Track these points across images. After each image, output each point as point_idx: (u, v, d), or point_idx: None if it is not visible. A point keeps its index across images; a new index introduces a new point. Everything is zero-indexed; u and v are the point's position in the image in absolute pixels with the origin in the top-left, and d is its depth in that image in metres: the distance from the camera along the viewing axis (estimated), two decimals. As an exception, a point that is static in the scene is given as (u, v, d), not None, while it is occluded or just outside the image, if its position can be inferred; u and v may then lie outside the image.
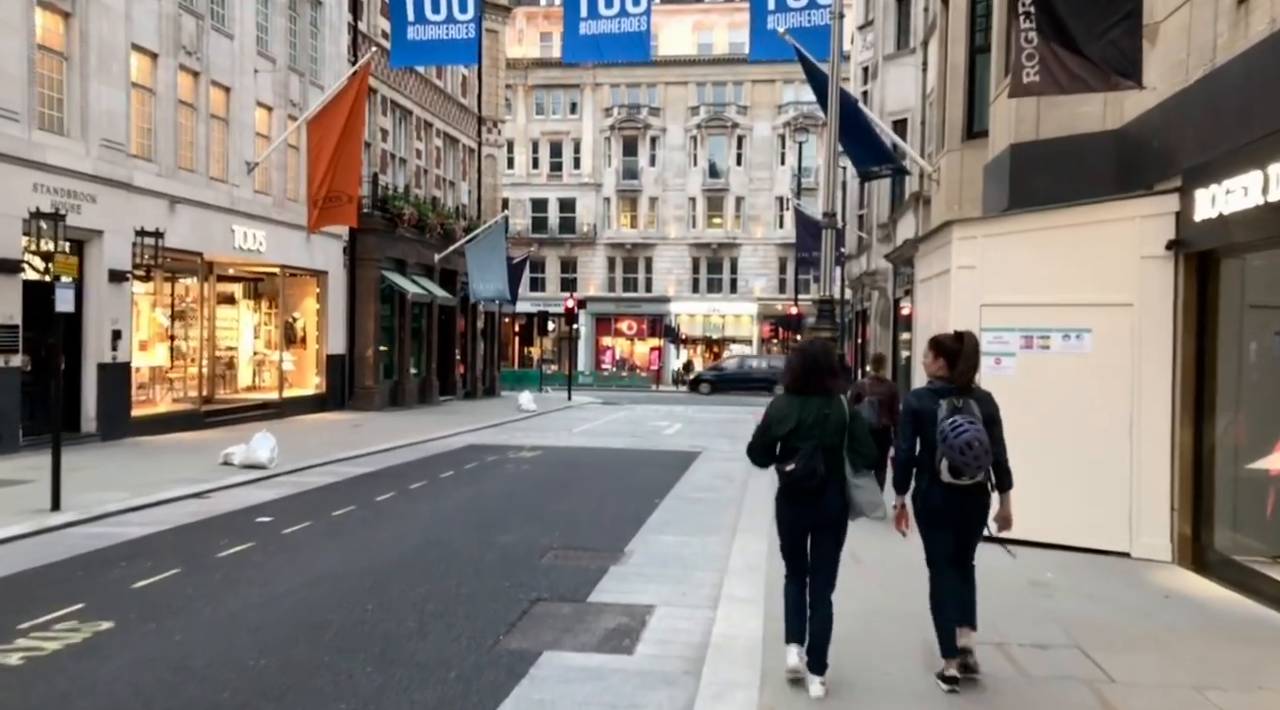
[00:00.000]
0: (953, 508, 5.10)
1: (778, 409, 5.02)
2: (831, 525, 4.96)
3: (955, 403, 5.07)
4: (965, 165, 14.70)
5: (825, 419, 4.88)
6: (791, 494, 4.96)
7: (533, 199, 56.90)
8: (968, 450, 4.89)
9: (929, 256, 10.75)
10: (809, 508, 4.92)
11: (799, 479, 4.84)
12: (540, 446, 17.92)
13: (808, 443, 4.83)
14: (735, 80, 55.78)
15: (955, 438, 4.90)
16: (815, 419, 4.87)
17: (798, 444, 4.86)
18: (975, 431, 4.92)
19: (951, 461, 4.93)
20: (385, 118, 26.93)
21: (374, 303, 25.29)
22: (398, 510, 10.60)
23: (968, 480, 5.00)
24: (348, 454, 15.50)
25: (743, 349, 55.73)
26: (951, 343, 5.30)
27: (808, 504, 4.91)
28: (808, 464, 4.80)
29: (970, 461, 4.91)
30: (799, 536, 5.04)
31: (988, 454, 4.95)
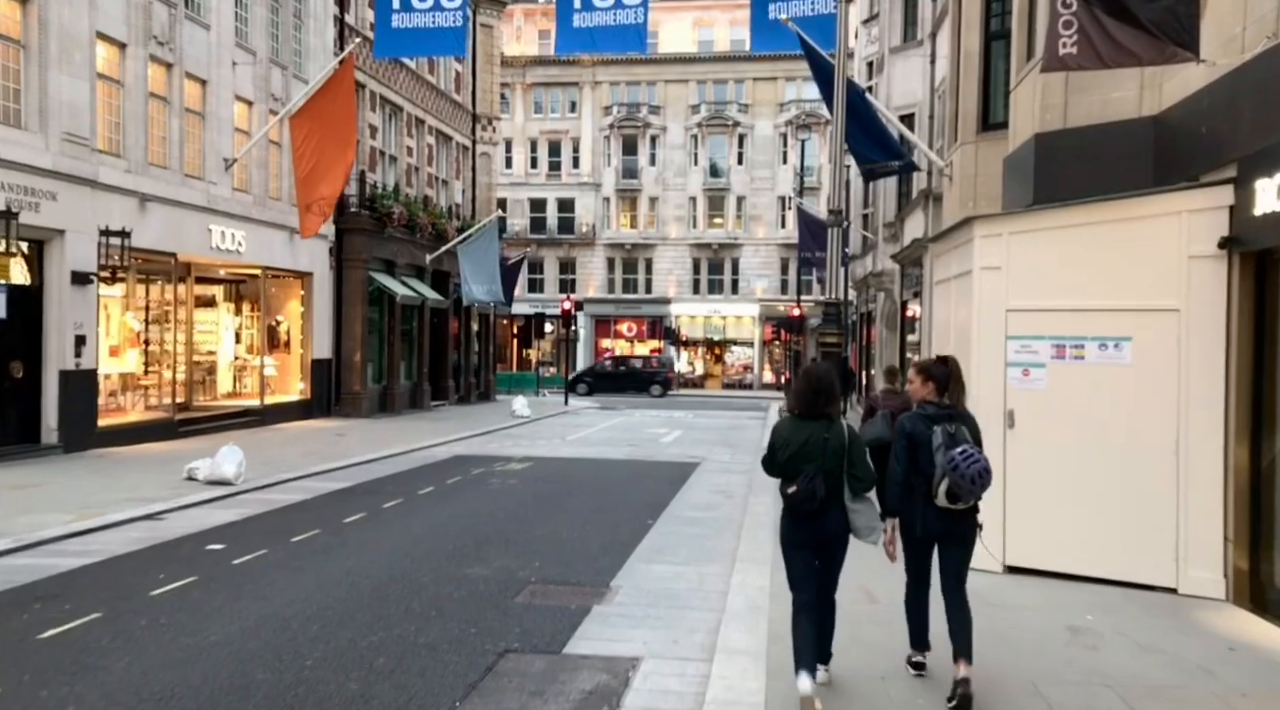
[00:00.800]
0: (942, 529, 5.25)
1: (782, 432, 5.18)
2: (833, 545, 5.13)
3: (949, 429, 5.19)
4: (980, 159, 13.79)
5: (825, 443, 5.02)
6: (794, 515, 5.11)
7: (531, 199, 56.02)
8: (979, 479, 5.03)
9: (946, 256, 9.84)
10: (811, 528, 5.07)
11: (800, 501, 4.98)
12: (530, 457, 17.01)
13: (809, 465, 4.98)
14: (736, 78, 54.90)
15: (968, 467, 5.02)
16: (816, 443, 5.02)
17: (799, 467, 5.01)
18: (986, 462, 5.08)
19: (957, 488, 5.06)
20: (374, 114, 26.04)
21: (361, 305, 24.40)
22: (365, 535, 9.70)
23: (963, 505, 5.15)
24: (325, 467, 14.60)
25: (745, 351, 54.85)
26: (938, 367, 5.45)
27: (810, 525, 5.06)
28: (809, 487, 4.95)
29: (977, 490, 5.07)
30: (805, 556, 5.14)
31: (987, 481, 5.09)
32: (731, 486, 13.88)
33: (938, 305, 10.48)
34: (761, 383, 53.44)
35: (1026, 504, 8.10)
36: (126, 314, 17.68)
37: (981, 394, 8.35)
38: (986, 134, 13.77)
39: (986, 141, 13.69)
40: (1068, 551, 7.94)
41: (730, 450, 19.22)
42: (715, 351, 55.58)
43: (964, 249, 8.84)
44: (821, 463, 4.98)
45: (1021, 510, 8.13)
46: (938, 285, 10.49)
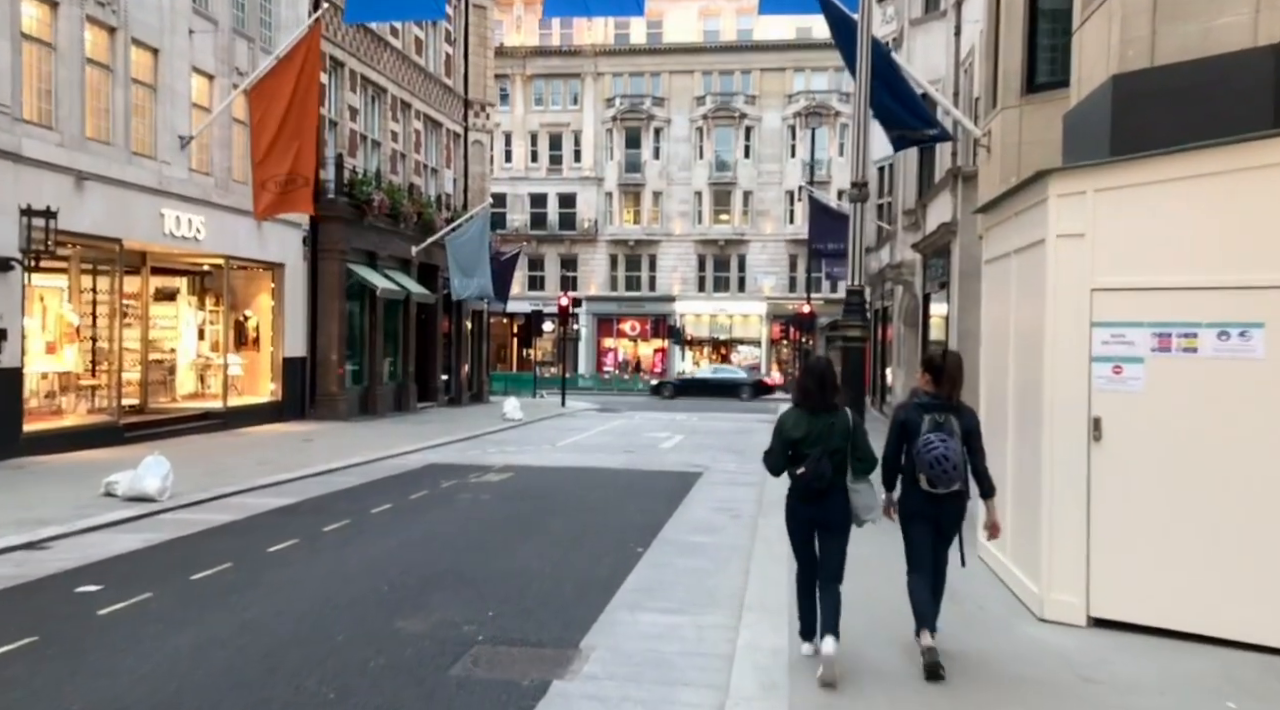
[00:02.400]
0: (929, 511, 5.55)
1: (789, 420, 5.44)
2: (836, 524, 5.42)
3: (937, 418, 5.50)
4: (1026, 126, 11.95)
5: (831, 429, 5.32)
6: (802, 494, 5.41)
7: (531, 194, 54.28)
8: (936, 465, 5.38)
9: (1003, 228, 7.99)
10: (817, 507, 5.39)
11: (810, 481, 5.29)
12: (513, 466, 15.21)
13: (815, 448, 5.27)
14: (743, 69, 53.10)
15: (926, 453, 5.40)
16: (822, 429, 5.32)
17: (807, 451, 5.30)
18: (944, 448, 5.38)
19: (926, 474, 5.44)
20: (354, 94, 24.27)
21: (339, 299, 22.62)
22: (287, 571, 7.90)
23: (943, 489, 5.45)
24: (275, 478, 12.82)
25: (751, 350, 52.99)
26: (937, 360, 5.75)
27: (816, 504, 5.38)
28: (816, 467, 5.24)
29: (940, 475, 5.39)
30: (808, 533, 5.51)
31: (957, 469, 5.40)
32: (738, 502, 12.06)
33: (990, 290, 8.65)
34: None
35: (1117, 539, 6.28)
36: (65, 306, 15.93)
37: (1056, 398, 6.52)
38: (1032, 97, 11.93)
39: (1033, 105, 11.86)
40: (1175, 602, 6.11)
41: (737, 458, 17.41)
42: (721, 351, 53.74)
43: (1032, 214, 7.01)
44: (827, 447, 5.27)
45: (1111, 547, 6.31)
46: (989, 265, 8.65)
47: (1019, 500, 7.22)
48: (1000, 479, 6.58)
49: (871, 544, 6.97)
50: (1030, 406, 7.01)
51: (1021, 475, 7.25)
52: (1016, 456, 7.41)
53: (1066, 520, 6.48)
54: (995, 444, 8.02)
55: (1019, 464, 7.34)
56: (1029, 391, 7.06)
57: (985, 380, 8.71)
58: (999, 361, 8.12)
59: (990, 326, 8.69)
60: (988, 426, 6.67)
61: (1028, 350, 7.13)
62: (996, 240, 8.32)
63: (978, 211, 8.91)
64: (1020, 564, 7.18)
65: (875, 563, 7.33)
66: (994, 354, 8.38)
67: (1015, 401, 7.46)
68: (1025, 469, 7.13)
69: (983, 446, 5.63)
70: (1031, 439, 6.95)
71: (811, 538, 5.48)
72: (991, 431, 8.14)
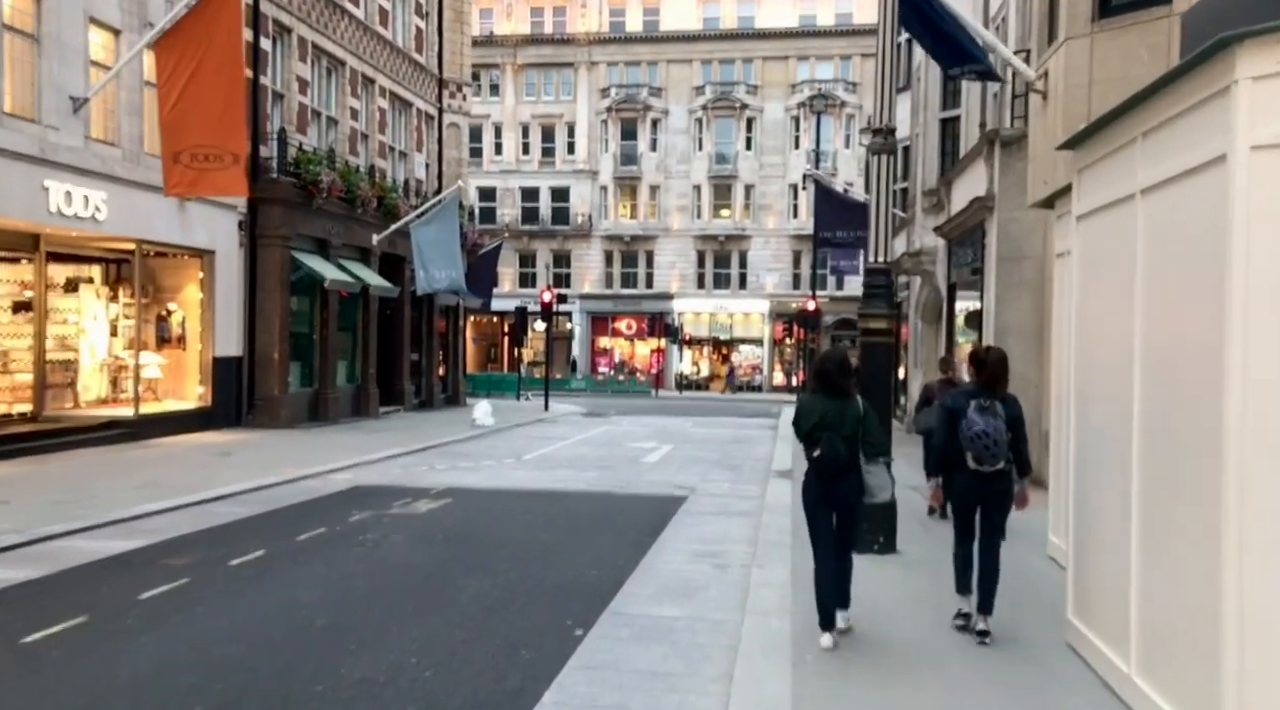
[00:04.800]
0: (977, 489, 5.94)
1: (805, 405, 5.92)
2: (850, 503, 5.83)
3: (983, 403, 5.83)
4: (1097, 61, 9.25)
5: (843, 413, 5.71)
6: (820, 475, 5.78)
7: (523, 187, 51.68)
8: (978, 440, 5.73)
9: (1117, 160, 5.25)
10: (833, 487, 5.76)
11: (826, 461, 5.69)
12: (455, 489, 12.49)
13: (828, 432, 5.67)
14: (744, 57, 50.43)
15: (968, 430, 5.77)
16: (835, 414, 5.71)
17: (820, 434, 5.69)
18: (984, 424, 5.74)
19: (971, 450, 5.79)
20: (304, 64, 21.60)
21: (282, 292, 19.94)
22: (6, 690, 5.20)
23: (989, 467, 5.81)
24: (140, 510, 10.14)
25: (753, 350, 50.31)
26: (983, 354, 6.16)
27: (832, 484, 5.76)
28: (831, 448, 5.65)
29: (982, 450, 5.75)
30: (824, 514, 5.86)
31: (998, 444, 5.75)
32: (727, 542, 9.36)
33: (1086, 262, 5.93)
34: (772, 385, 48.86)
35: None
36: (-78, 296, 13.30)
37: (1250, 428, 3.81)
38: (1108, 21, 9.24)
39: (1108, 34, 9.17)
40: None
41: (731, 475, 14.71)
42: (722, 351, 51.08)
43: (1187, 121, 4.28)
44: (840, 430, 5.67)
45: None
46: (1085, 223, 5.93)
47: (1153, 586, 4.52)
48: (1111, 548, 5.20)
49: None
50: (1181, 442, 4.31)
51: (1159, 545, 4.54)
52: (1146, 519, 4.72)
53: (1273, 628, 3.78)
54: (1103, 501, 5.32)
55: (1151, 528, 4.65)
56: (1179, 416, 4.36)
57: (1072, 403, 6.05)
58: (1100, 374, 5.46)
59: (1081, 319, 5.98)
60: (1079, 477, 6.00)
61: (1175, 353, 4.42)
62: (1099, 183, 5.59)
63: (1064, 146, 6.18)
64: (1166, 687, 4.46)
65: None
66: (1091, 361, 5.71)
67: (1143, 435, 4.76)
68: (1170, 538, 4.43)
69: (1026, 434, 6.06)
70: (1186, 493, 4.25)
71: (829, 517, 5.85)
72: (1090, 484, 5.49)
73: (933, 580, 7.49)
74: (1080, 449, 6.04)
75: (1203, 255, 4.05)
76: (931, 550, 8.53)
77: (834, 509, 5.80)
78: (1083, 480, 6.00)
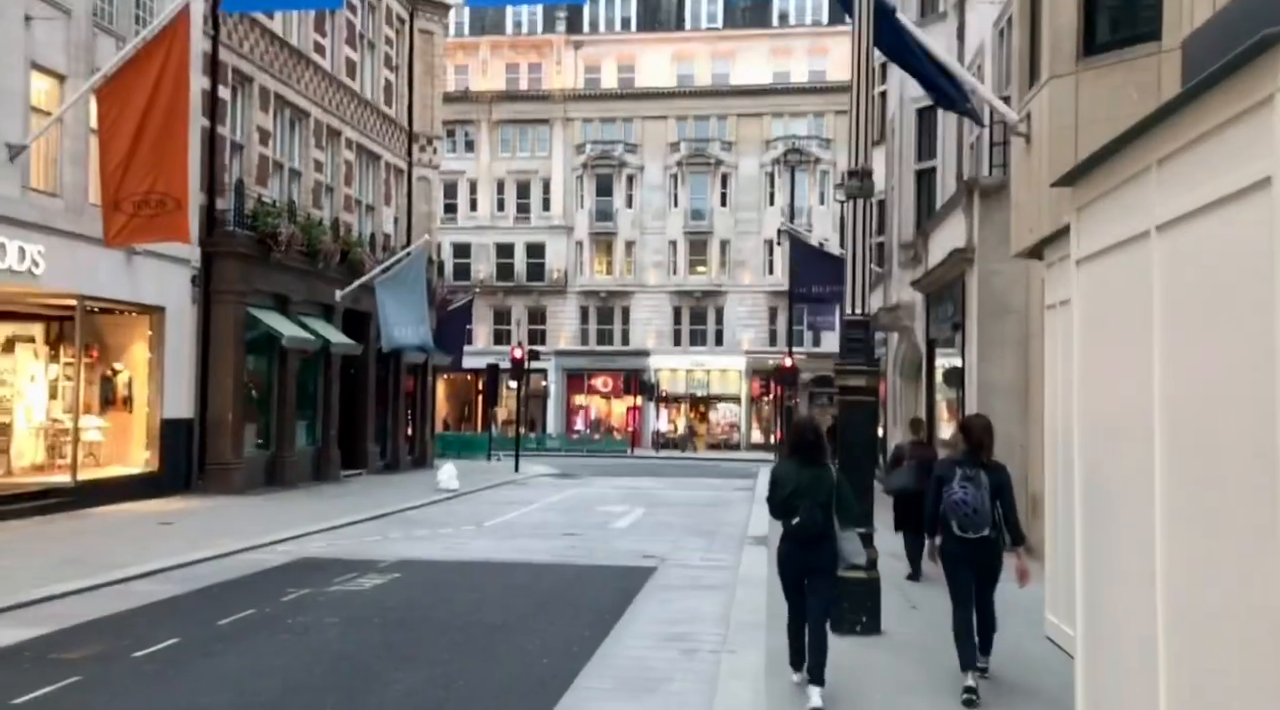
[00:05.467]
0: (965, 553, 6.08)
1: (781, 473, 6.13)
2: (825, 569, 5.97)
3: (968, 472, 6.06)
4: (1083, 100, 8.74)
5: (818, 480, 5.92)
6: (795, 542, 5.98)
7: (498, 244, 51.18)
8: (958, 508, 5.99)
9: (1128, 192, 4.60)
10: (809, 553, 5.93)
11: (804, 528, 5.87)
12: (407, 562, 11.59)
13: (805, 500, 5.86)
14: (719, 114, 50.57)
15: (949, 497, 6.05)
16: (810, 481, 5.91)
17: (798, 502, 5.87)
18: (964, 494, 6.00)
19: (954, 518, 6.03)
20: (265, 115, 21.02)
21: (236, 350, 19.08)
22: None
23: (973, 534, 6.01)
24: (51, 590, 9.18)
25: (731, 408, 49.58)
26: (969, 422, 6.55)
27: (808, 550, 5.93)
28: (810, 516, 5.85)
29: (962, 517, 5.98)
30: (799, 577, 6.04)
31: (979, 513, 5.97)
32: (698, 621, 8.53)
33: (1088, 315, 5.28)
34: (750, 443, 48.06)
35: None
36: None
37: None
38: (1093, 60, 8.75)
39: (1094, 72, 8.68)
40: None
41: (705, 542, 13.87)
42: (699, 409, 50.30)
43: (1228, 138, 3.62)
44: (815, 497, 5.86)
45: None
46: (1086, 266, 5.29)
47: (1186, 688, 3.76)
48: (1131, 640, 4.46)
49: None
50: (1221, 512, 3.60)
51: (1194, 642, 3.80)
52: (1176, 607, 3.98)
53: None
54: (1118, 585, 4.54)
55: (1181, 619, 3.91)
56: (1216, 483, 3.65)
57: (1076, 467, 5.35)
58: (1109, 434, 4.79)
59: (1085, 372, 5.30)
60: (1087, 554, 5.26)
61: (1209, 409, 3.72)
62: (1103, 222, 4.95)
63: (1060, 182, 5.56)
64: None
65: None
66: (1096, 419, 5.03)
67: (1169, 504, 4.05)
68: (1209, 634, 3.69)
69: (1014, 501, 6.22)
70: (1230, 578, 3.52)
71: (802, 583, 6.04)
72: (1100, 564, 4.76)
73: (924, 665, 6.71)
74: (1088, 522, 5.31)
75: (1240, 295, 3.38)
76: (920, 631, 7.74)
77: (811, 576, 5.98)
78: (1092, 558, 5.26)
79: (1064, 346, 7.24)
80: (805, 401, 45.94)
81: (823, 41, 49.79)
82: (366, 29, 26.13)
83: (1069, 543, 6.74)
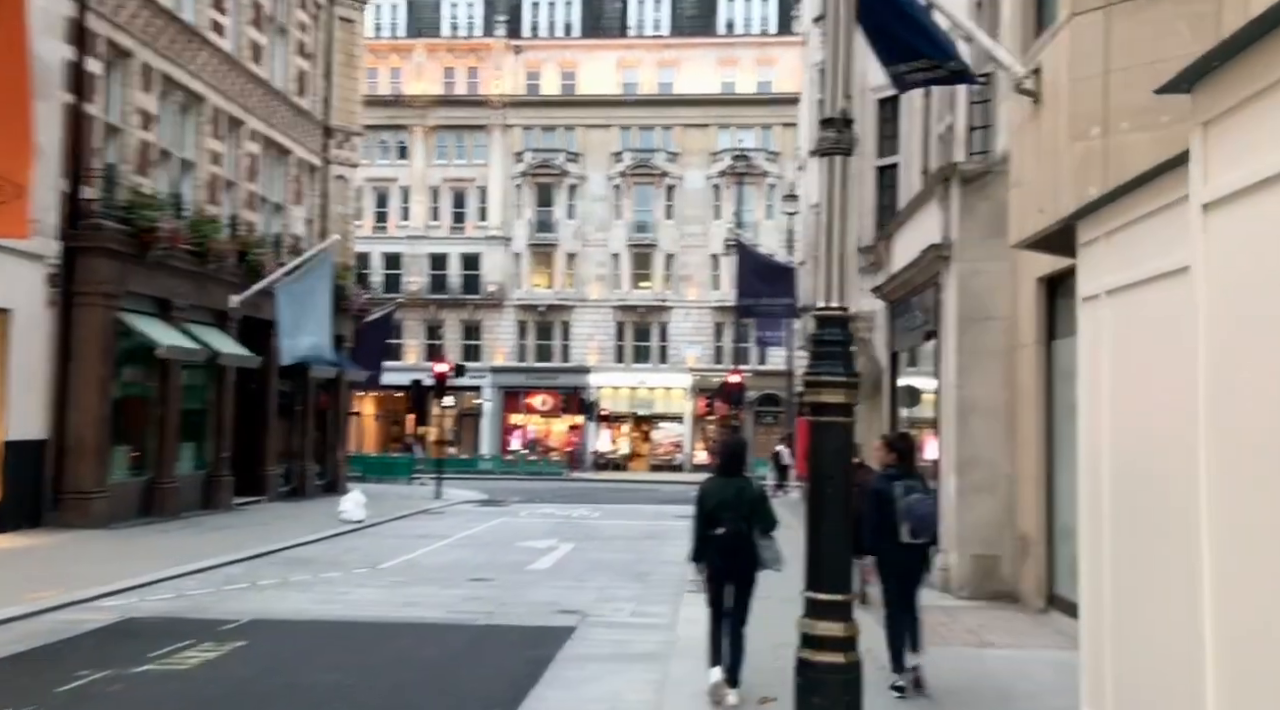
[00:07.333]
0: (904, 560, 6.76)
1: (708, 488, 6.71)
2: (746, 576, 6.56)
3: (909, 484, 6.71)
4: (1115, 43, 6.86)
5: (741, 493, 6.56)
6: (719, 551, 6.52)
7: (431, 254, 48.70)
8: (924, 519, 6.68)
9: None
10: (731, 561, 6.51)
11: (728, 538, 6.45)
12: (259, 621, 9.25)
13: (729, 512, 6.47)
14: (664, 124, 48.84)
15: (918, 508, 6.62)
16: (735, 494, 6.55)
17: (722, 514, 6.48)
18: (931, 505, 6.88)
19: (913, 527, 6.60)
20: (148, 96, 18.53)
21: (104, 361, 16.53)
22: None
23: (922, 540, 6.74)
24: None
25: (675, 427, 47.56)
26: (899, 441, 7.15)
27: (731, 558, 6.50)
28: (734, 527, 6.44)
29: (926, 527, 6.73)
30: (721, 584, 6.58)
31: (930, 517, 6.81)
32: None
33: (1220, 259, 3.29)
34: (693, 464, 46.05)
35: None
36: None
37: None
38: (1123, -8, 6.89)
39: (1130, 4, 6.80)
40: None
41: (638, 588, 11.73)
42: (642, 428, 48.22)
43: None
44: (739, 510, 6.46)
45: None
46: (1217, 211, 3.30)
47: None
48: None
49: None
50: None
51: None
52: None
53: None
54: None
55: None
56: None
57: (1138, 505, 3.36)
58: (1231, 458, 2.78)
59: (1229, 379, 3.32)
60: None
61: None
62: (1246, 144, 2.97)
63: (1173, 84, 3.59)
64: None
65: None
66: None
67: None
68: None
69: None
70: None
71: (725, 591, 6.57)
72: None
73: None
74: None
75: None
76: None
77: (733, 582, 6.51)
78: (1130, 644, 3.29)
79: (1110, 349, 5.30)
80: (750, 421, 44.18)
81: (770, 52, 48.44)
82: (276, 11, 23.74)
83: (1120, 602, 4.80)
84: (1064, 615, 9.41)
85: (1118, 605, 4.96)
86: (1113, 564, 5.04)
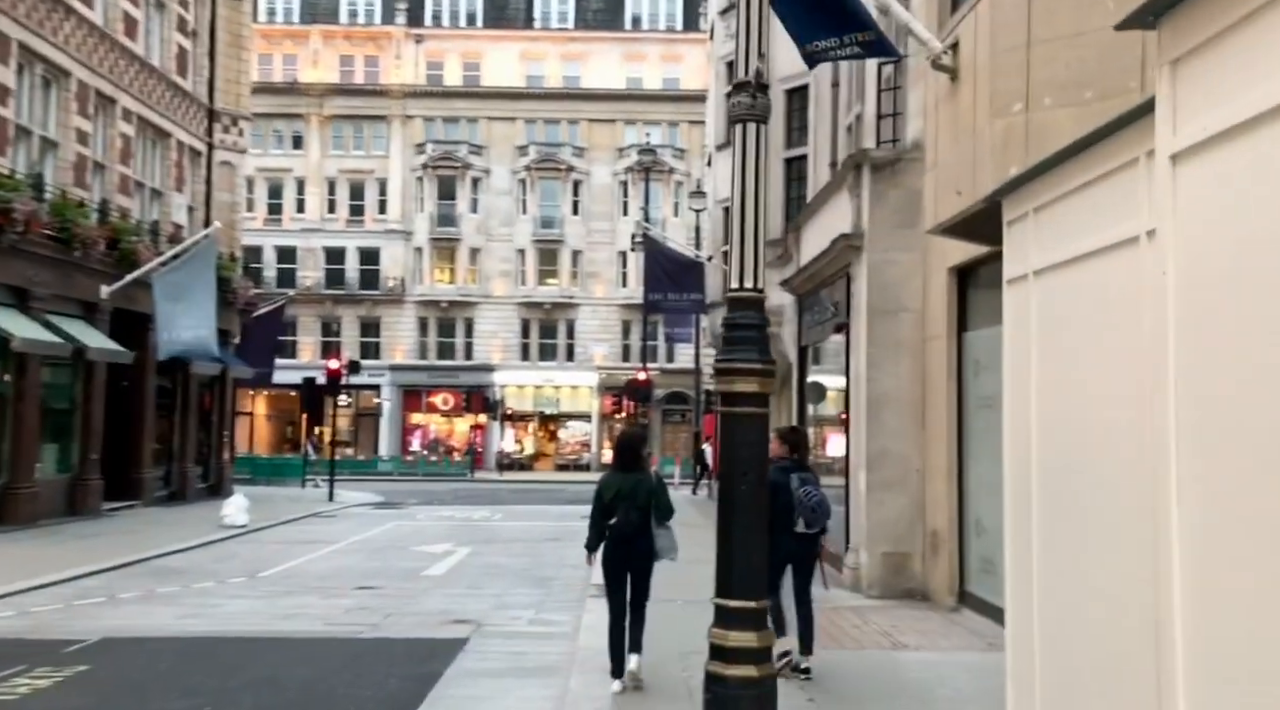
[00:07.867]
0: (798, 550, 7.02)
1: (606, 481, 6.83)
2: (643, 565, 6.70)
3: (803, 476, 7.10)
4: (1038, 14, 6.53)
5: (638, 485, 6.69)
6: (616, 540, 6.61)
7: (327, 248, 46.94)
8: (818, 508, 6.98)
9: None
10: (627, 549, 6.62)
11: (621, 528, 6.57)
12: (110, 640, 8.28)
13: (624, 503, 6.59)
14: (570, 118, 48.13)
15: (809, 500, 6.94)
16: (632, 487, 6.66)
17: (618, 505, 6.60)
18: (822, 496, 7.07)
19: (806, 518, 6.93)
20: (4, 68, 17.01)
21: (-51, 355, 15.05)
22: None
23: (815, 530, 7.07)
24: None
25: (582, 426, 46.91)
26: (791, 434, 7.55)
27: (626, 547, 6.62)
28: (626, 517, 6.57)
29: (820, 517, 7.04)
30: (620, 573, 6.69)
31: (823, 506, 7.04)
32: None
33: (1189, 224, 2.85)
34: (600, 463, 45.47)
35: None
36: None
37: None
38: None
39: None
40: None
41: (538, 594, 11.08)
42: (548, 427, 47.40)
43: None
44: (634, 501, 6.59)
45: None
46: (1186, 162, 2.86)
47: None
48: None
49: None
50: None
51: None
52: None
53: None
54: None
55: None
56: None
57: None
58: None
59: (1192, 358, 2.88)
60: None
61: None
62: (1221, 89, 2.54)
63: (1125, 25, 3.15)
64: None
65: None
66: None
67: None
68: None
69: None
70: None
71: (624, 578, 6.68)
72: None
73: None
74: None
75: None
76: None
77: (629, 570, 6.64)
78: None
79: (1036, 328, 4.90)
80: (658, 418, 43.87)
81: (676, 49, 48.22)
82: (153, -17, 22.26)
83: (1053, 609, 4.39)
84: (976, 614, 9.14)
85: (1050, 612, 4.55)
86: (1043, 567, 4.63)
